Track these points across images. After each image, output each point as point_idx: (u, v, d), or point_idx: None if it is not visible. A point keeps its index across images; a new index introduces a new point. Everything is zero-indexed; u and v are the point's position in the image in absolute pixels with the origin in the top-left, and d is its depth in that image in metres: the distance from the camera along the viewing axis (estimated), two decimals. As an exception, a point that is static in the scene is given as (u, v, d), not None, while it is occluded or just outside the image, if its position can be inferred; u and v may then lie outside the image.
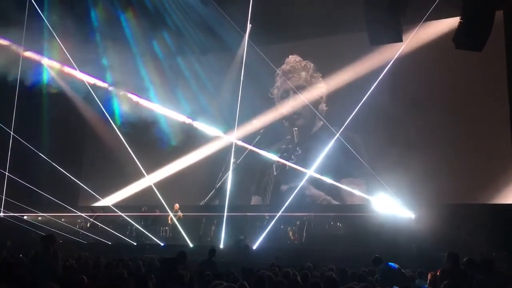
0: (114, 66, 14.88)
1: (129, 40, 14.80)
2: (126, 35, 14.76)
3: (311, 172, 13.20)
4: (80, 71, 14.20)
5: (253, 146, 14.57)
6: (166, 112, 15.37)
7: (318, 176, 13.17)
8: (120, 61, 14.65)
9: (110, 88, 15.39)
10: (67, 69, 14.77)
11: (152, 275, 4.73)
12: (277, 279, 4.65)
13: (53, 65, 15.09)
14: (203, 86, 14.99)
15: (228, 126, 14.48)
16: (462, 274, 5.16)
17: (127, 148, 13.62)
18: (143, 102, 15.49)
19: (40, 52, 14.59)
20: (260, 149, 14.52)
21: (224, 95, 14.93)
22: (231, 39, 14.09)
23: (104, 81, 15.26)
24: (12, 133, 12.92)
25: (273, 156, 14.65)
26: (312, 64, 15.21)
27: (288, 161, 14.70)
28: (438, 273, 5.31)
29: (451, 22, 10.53)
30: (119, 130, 14.05)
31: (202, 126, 15.29)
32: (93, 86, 14.58)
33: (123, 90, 15.31)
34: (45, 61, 14.92)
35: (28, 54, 14.29)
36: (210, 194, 15.60)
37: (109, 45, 14.39)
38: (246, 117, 14.46)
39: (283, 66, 15.50)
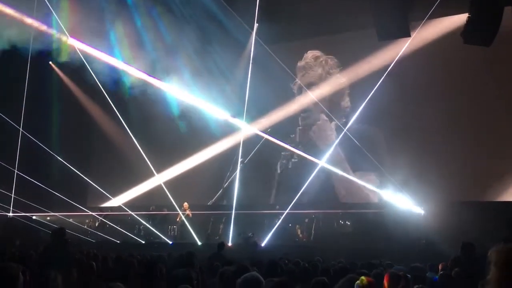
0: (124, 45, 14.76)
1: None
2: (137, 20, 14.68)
3: (322, 162, 13.11)
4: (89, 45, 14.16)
5: (262, 142, 14.54)
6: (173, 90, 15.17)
7: (329, 167, 13.05)
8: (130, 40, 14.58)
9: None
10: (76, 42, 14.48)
11: (162, 264, 4.75)
12: (288, 267, 4.64)
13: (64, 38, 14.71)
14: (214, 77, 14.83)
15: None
16: (474, 262, 5.12)
17: (134, 148, 13.65)
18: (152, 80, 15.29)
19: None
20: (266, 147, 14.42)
21: (235, 88, 14.85)
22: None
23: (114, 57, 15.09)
24: (21, 129, 12.99)
25: (287, 147, 14.54)
26: (333, 60, 14.90)
27: (290, 160, 14.70)
28: (448, 263, 5.28)
29: (461, 19, 10.47)
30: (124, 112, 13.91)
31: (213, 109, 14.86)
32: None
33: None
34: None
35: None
36: (218, 194, 15.64)
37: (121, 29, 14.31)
38: (257, 112, 14.46)
39: (299, 62, 15.30)
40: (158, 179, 14.22)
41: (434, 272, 6.18)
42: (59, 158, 13.32)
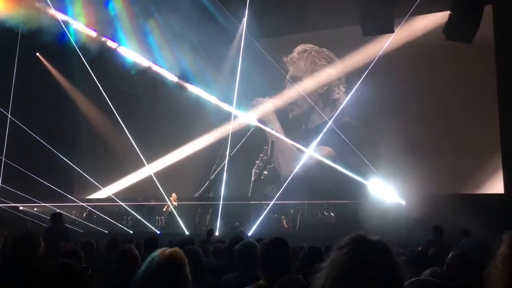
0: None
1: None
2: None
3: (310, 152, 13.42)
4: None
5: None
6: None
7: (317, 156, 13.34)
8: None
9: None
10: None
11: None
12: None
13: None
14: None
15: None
16: (445, 243, 5.48)
17: (124, 138, 13.79)
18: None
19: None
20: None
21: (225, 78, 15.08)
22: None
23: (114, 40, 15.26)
24: (9, 115, 12.98)
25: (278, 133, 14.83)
26: (323, 53, 15.05)
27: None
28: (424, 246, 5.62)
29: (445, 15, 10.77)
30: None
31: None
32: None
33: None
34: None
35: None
36: (204, 186, 15.83)
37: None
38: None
39: (285, 57, 15.46)
40: (148, 170, 14.37)
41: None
42: (48, 146, 13.27)
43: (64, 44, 13.75)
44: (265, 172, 15.18)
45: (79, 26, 14.52)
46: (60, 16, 13.65)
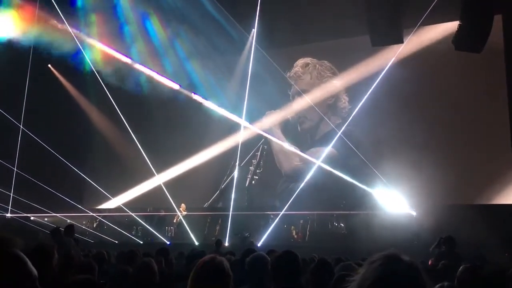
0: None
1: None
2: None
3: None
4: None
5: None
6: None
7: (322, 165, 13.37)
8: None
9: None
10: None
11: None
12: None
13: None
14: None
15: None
16: (456, 256, 5.43)
17: (134, 149, 13.89)
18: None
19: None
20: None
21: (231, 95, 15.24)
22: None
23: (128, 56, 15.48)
24: (21, 126, 13.13)
25: (290, 146, 14.87)
26: (325, 64, 15.21)
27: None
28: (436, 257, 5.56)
29: (454, 25, 10.77)
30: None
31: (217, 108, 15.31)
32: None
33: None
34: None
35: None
36: (214, 197, 15.85)
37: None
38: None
39: (289, 73, 15.57)
40: (158, 180, 14.44)
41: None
42: (59, 156, 13.38)
43: (77, 58, 14.01)
44: (256, 177, 15.29)
45: (93, 42, 14.77)
46: (74, 33, 13.89)
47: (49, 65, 16.67)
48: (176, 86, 15.54)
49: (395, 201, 12.11)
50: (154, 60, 15.39)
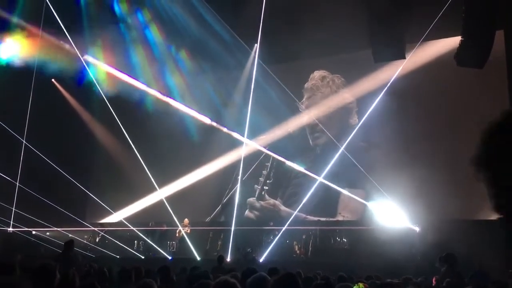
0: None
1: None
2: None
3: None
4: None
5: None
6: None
7: (326, 183, 13.34)
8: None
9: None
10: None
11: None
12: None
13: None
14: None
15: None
16: (458, 274, 5.39)
17: (135, 163, 13.90)
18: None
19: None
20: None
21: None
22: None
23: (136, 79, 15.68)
24: (24, 141, 13.16)
25: (297, 167, 14.84)
26: (340, 79, 15.13)
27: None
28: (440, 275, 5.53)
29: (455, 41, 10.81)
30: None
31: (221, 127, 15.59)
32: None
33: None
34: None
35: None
36: (216, 211, 15.80)
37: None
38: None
39: (306, 83, 15.56)
40: (160, 195, 14.41)
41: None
42: (60, 170, 13.40)
43: (81, 74, 14.17)
44: (266, 188, 15.23)
45: (98, 62, 14.96)
46: (80, 53, 14.06)
47: (53, 80, 16.78)
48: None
49: (398, 216, 12.03)
50: (157, 80, 15.55)
